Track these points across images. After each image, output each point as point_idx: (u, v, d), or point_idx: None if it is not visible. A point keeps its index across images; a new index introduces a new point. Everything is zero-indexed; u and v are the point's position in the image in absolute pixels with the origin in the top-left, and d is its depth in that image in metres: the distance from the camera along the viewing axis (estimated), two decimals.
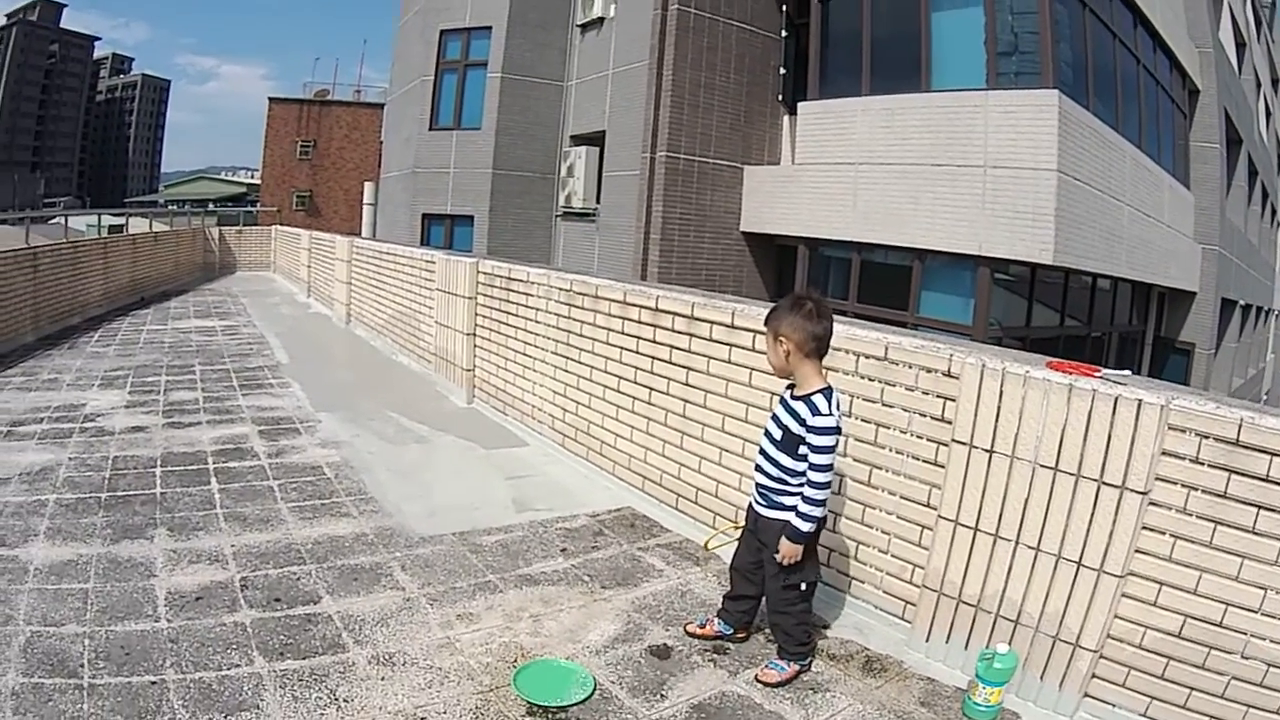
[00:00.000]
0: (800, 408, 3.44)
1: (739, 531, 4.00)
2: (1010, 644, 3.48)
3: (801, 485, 3.50)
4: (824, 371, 3.57)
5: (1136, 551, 3.21)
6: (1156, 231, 15.56)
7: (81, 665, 3.41)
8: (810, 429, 3.40)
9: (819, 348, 3.47)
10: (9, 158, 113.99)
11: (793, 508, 3.53)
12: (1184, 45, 17.62)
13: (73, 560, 4.44)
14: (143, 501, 5.40)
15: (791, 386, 3.59)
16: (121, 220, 24.21)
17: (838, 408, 3.46)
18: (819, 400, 3.41)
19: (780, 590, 3.63)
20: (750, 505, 3.82)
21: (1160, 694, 3.21)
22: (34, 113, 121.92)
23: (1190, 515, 3.11)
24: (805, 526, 3.48)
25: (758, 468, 3.69)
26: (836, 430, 3.42)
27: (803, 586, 3.63)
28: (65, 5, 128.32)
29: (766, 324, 3.59)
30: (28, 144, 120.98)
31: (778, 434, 3.56)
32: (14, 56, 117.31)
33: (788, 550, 3.51)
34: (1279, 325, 30.56)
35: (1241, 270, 22.13)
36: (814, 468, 3.43)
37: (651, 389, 5.69)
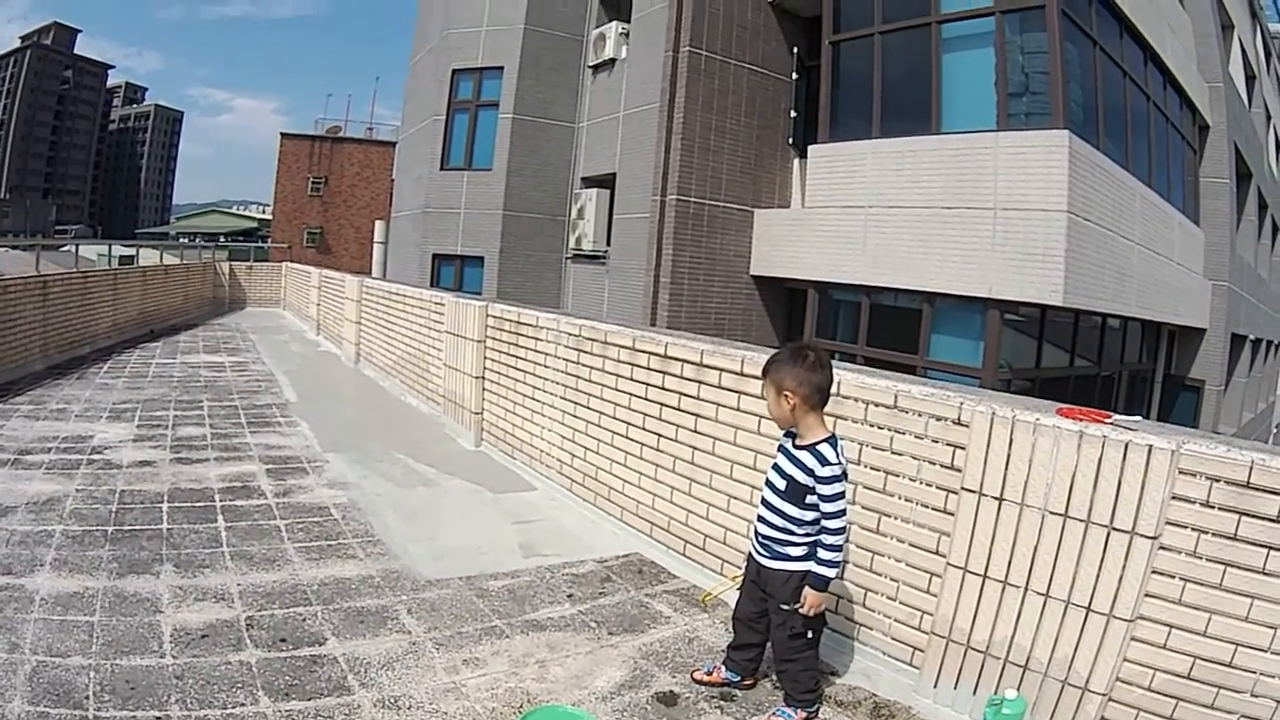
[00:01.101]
0: (806, 458, 3.46)
1: (739, 581, 3.99)
2: (1019, 689, 3.45)
3: (808, 535, 3.51)
4: (825, 420, 3.58)
5: (1146, 595, 3.20)
6: (1167, 270, 15.55)
7: (86, 697, 3.43)
8: (820, 479, 3.41)
9: (823, 398, 3.50)
10: (21, 182, 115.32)
11: (797, 557, 3.54)
12: (1194, 80, 17.70)
13: (79, 592, 4.47)
14: (149, 536, 5.42)
15: (792, 434, 3.60)
16: (132, 251, 24.26)
17: (842, 454, 3.47)
18: (825, 449, 3.43)
19: (787, 639, 3.61)
20: (750, 555, 3.82)
21: None
22: (47, 138, 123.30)
23: (1200, 559, 3.10)
24: (830, 573, 3.50)
25: (760, 518, 3.69)
26: (845, 477, 3.45)
27: (809, 634, 3.61)
28: (79, 31, 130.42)
29: (766, 375, 3.62)
30: (40, 169, 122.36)
31: (781, 484, 3.56)
32: (28, 80, 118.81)
33: (814, 600, 3.51)
34: None
35: (1251, 305, 22.13)
36: (828, 515, 3.44)
37: (660, 435, 5.69)
